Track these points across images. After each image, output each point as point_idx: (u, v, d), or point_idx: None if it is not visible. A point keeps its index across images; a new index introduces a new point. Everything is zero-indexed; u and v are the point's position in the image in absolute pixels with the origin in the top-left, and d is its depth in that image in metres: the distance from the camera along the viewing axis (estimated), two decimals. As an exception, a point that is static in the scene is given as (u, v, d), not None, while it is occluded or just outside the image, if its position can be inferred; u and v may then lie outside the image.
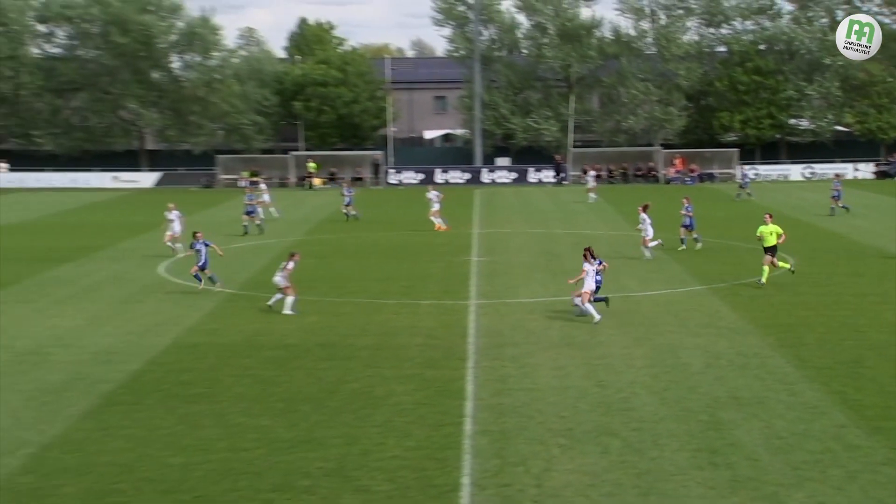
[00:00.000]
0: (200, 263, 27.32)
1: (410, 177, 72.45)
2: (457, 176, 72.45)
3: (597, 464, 14.11)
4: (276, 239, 39.54)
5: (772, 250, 27.57)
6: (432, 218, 42.04)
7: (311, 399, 17.31)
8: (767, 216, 28.34)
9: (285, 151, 75.51)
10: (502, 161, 75.42)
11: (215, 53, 76.75)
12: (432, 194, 42.98)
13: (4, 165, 72.47)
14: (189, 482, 13.51)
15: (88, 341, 21.70)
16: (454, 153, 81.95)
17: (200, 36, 75.24)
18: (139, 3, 73.36)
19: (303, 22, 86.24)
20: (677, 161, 72.82)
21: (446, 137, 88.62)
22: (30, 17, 74.44)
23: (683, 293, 27.07)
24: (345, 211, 46.50)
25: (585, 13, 76.82)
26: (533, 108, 75.81)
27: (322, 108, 75.01)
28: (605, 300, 23.88)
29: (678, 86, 74.57)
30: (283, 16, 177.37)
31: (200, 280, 27.38)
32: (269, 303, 24.85)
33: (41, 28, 75.42)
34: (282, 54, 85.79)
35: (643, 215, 33.24)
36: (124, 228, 42.03)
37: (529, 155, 75.51)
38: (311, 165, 71.56)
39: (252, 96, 75.73)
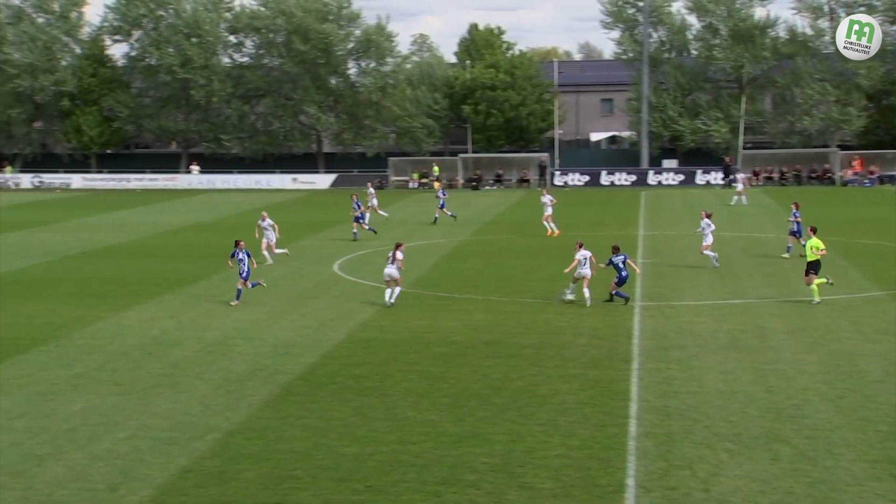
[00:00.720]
0: (244, 274, 25.85)
1: (576, 179, 71.92)
2: (623, 178, 71.44)
3: (766, 471, 13.62)
4: (445, 239, 40.03)
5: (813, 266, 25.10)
6: (545, 223, 41.35)
7: (477, 395, 17.44)
8: (810, 230, 26.03)
9: (454, 154, 76.36)
10: (669, 163, 73.83)
11: (389, 59, 78.40)
12: (546, 198, 42.22)
13: (196, 168, 76.28)
14: (361, 472, 13.84)
15: (268, 334, 22.55)
16: (620, 155, 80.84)
17: (376, 43, 77.02)
18: (320, 13, 75.75)
19: (473, 27, 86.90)
20: (856, 163, 69.41)
21: (612, 139, 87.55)
22: (222, 29, 78.01)
23: (861, 298, 25.81)
24: (437, 214, 45.43)
25: (759, 13, 74.35)
26: (702, 109, 73.88)
27: (490, 112, 75.45)
28: (627, 299, 25.27)
29: (858, 85, 71.07)
30: (454, 22, 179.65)
31: (239, 296, 25.80)
32: (391, 300, 25.24)
33: (231, 38, 78.97)
34: (452, 59, 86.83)
35: (706, 220, 32.04)
36: (302, 227, 43.49)
37: (697, 157, 73.63)
38: (436, 169, 72.40)
39: (423, 100, 76.95)
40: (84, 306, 24.91)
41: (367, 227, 40.61)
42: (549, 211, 41.64)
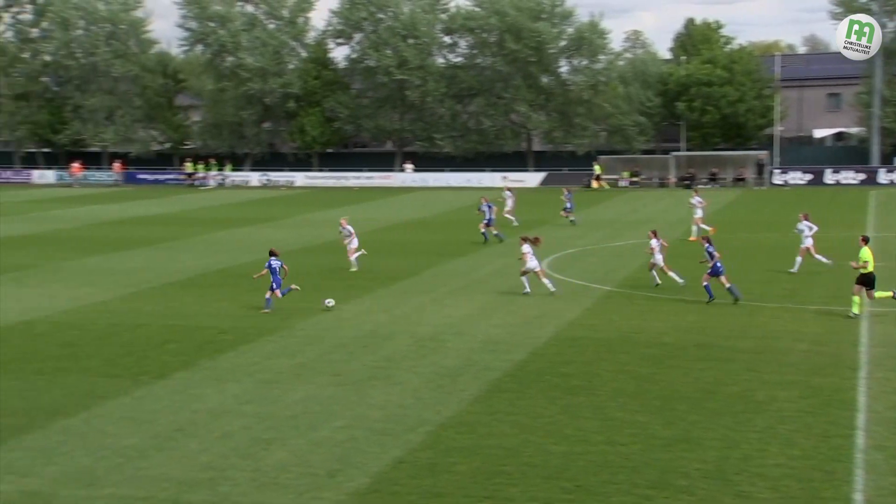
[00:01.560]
0: (275, 285, 25.12)
1: (797, 177, 68.75)
2: (849, 176, 67.66)
3: None
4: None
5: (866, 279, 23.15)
6: (694, 226, 39.29)
7: (688, 399, 17.00)
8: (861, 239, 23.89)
9: (665, 152, 74.73)
10: (901, 161, 69.36)
11: (602, 57, 77.71)
12: (696, 200, 40.12)
13: (410, 166, 78.40)
14: (570, 471, 13.80)
15: (478, 330, 22.86)
16: (847, 153, 76.60)
17: (588, 40, 76.51)
18: (533, 12, 76.06)
19: (689, 22, 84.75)
20: None
21: (839, 136, 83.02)
22: (437, 30, 79.80)
23: None
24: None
25: None
26: (940, 103, 69.00)
27: (705, 108, 73.34)
28: (737, 300, 25.02)
29: None
30: (669, 17, 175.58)
31: (269, 304, 25.08)
32: (553, 290, 26.50)
33: (446, 39, 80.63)
34: (666, 55, 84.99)
35: (805, 223, 30.57)
36: (510, 226, 43.75)
37: (934, 154, 68.83)
38: (598, 168, 70.63)
39: (635, 97, 75.77)
40: (307, 299, 26.09)
41: (494, 232, 38.85)
42: (699, 213, 39.57)
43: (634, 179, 71.16)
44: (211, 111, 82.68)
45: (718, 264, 25.30)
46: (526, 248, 27.08)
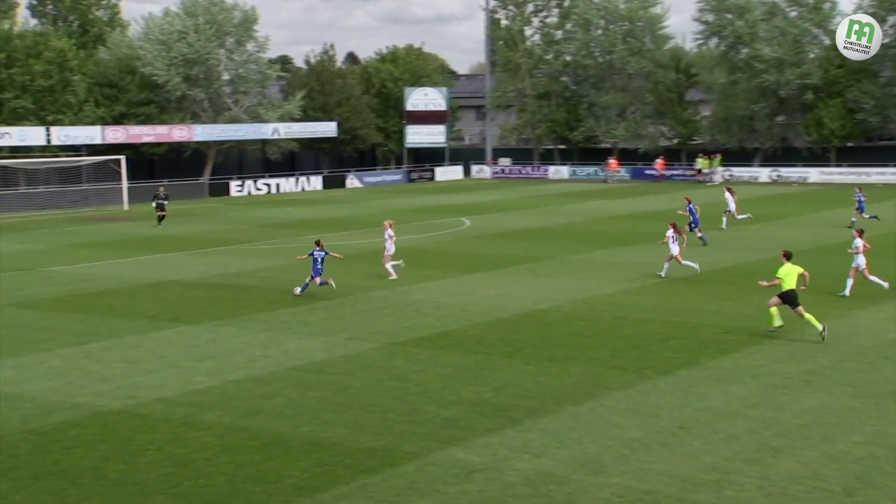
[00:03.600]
0: (315, 273, 27.75)
1: None
2: None
3: None
4: None
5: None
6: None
7: None
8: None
9: None
10: None
11: None
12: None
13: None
14: None
15: None
16: None
17: None
18: None
19: None
20: None
21: None
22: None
23: None
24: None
25: None
26: None
27: None
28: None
29: None
30: None
31: (304, 288, 28.02)
32: (662, 274, 30.49)
33: None
34: None
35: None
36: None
37: None
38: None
39: None
40: (824, 305, 24.83)
41: (698, 235, 38.06)
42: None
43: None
44: (721, 105, 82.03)
45: None
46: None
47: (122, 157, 63.31)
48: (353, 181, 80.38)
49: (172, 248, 40.71)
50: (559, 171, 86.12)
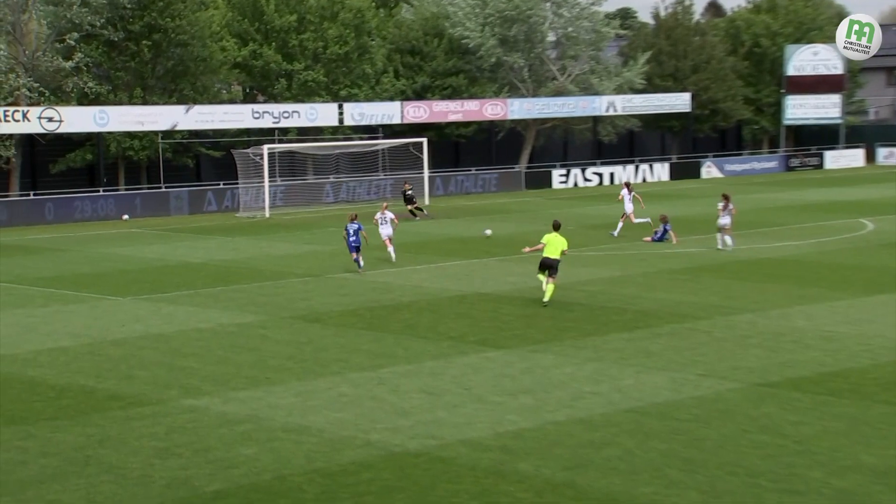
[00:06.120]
0: (351, 247, 36.29)
1: None
2: None
3: None
4: None
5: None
6: None
7: None
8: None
9: None
10: None
11: None
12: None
13: None
14: None
15: None
16: None
17: None
18: None
19: None
20: None
21: None
22: None
23: None
24: None
25: None
26: None
27: None
28: None
29: None
30: None
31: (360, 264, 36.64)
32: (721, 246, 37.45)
33: None
34: None
35: None
36: None
37: None
38: None
39: None
40: None
41: None
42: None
43: None
44: None
45: None
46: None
47: (424, 140, 65.70)
48: (710, 169, 79.57)
49: (481, 253, 42.08)
50: None
